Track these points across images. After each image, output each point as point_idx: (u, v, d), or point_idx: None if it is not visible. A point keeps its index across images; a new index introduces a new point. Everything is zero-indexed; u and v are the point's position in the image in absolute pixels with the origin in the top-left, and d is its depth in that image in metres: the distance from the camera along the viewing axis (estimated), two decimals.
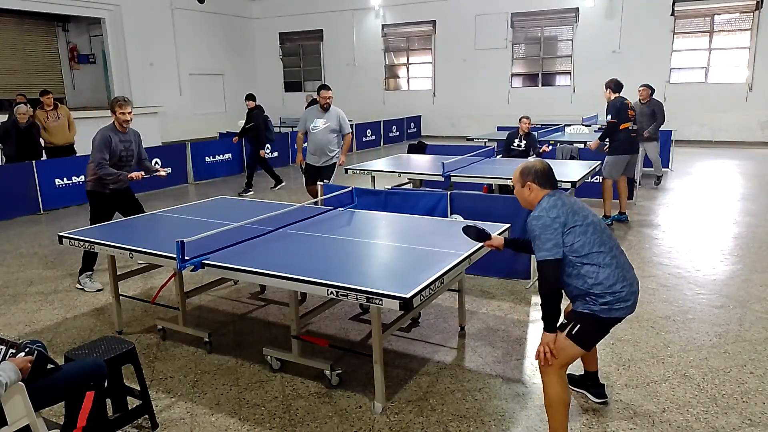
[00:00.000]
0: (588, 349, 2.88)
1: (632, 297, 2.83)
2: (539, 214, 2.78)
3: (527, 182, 2.91)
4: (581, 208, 2.87)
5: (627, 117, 7.04)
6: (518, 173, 2.96)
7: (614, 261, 2.78)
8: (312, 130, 6.92)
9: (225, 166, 11.92)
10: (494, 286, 5.10)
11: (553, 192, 2.90)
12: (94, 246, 3.88)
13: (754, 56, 14.81)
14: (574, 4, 16.52)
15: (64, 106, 9.74)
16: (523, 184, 2.93)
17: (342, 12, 19.98)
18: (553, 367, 2.75)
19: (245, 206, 5.29)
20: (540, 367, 2.82)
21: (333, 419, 3.14)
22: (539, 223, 2.76)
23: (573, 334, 2.75)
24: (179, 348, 4.06)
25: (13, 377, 2.29)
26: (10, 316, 4.76)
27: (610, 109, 7.12)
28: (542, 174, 2.91)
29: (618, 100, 7.13)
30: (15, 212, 8.43)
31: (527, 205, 2.98)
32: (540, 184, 2.90)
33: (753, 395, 3.27)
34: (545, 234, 2.72)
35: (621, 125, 6.99)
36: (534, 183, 2.90)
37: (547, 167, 2.95)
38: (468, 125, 17.13)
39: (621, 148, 7.04)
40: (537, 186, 2.90)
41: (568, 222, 2.74)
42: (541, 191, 2.89)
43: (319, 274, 3.02)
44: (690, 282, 5.11)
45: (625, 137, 7.04)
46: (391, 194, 5.54)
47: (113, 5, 16.17)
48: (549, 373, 2.77)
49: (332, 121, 6.95)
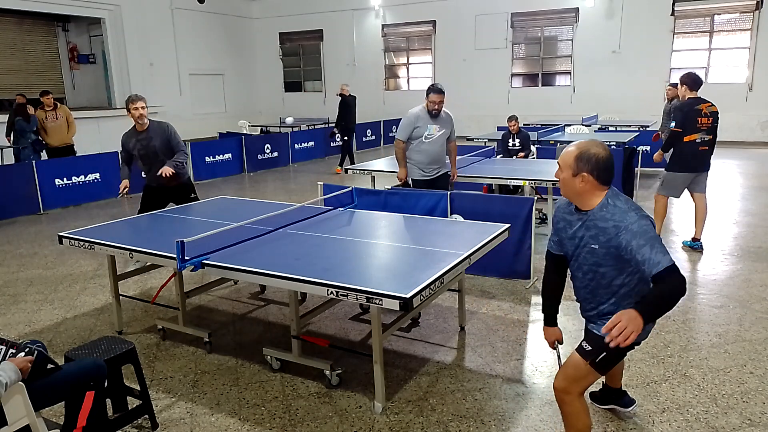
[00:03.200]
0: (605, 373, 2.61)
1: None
2: (643, 215, 2.32)
3: (582, 172, 2.37)
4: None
5: (695, 127, 5.60)
6: (573, 157, 2.38)
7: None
8: (426, 139, 5.75)
9: (225, 166, 11.92)
10: (494, 286, 5.10)
11: (614, 191, 2.42)
12: (95, 246, 3.88)
13: (754, 56, 14.81)
14: (574, 4, 16.52)
15: (64, 106, 9.75)
16: (576, 173, 2.38)
17: (342, 12, 19.97)
18: (573, 395, 2.53)
19: (245, 206, 5.29)
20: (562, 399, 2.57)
21: (333, 419, 3.14)
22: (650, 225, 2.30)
23: (597, 362, 2.46)
24: (179, 348, 4.06)
25: (13, 377, 2.29)
26: (10, 316, 4.76)
27: (676, 114, 5.73)
28: (604, 166, 2.36)
29: (688, 103, 5.67)
30: (15, 212, 8.44)
31: (570, 195, 2.47)
32: (598, 179, 2.37)
33: (753, 395, 3.27)
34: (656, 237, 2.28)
35: (686, 137, 5.61)
36: (591, 175, 2.36)
37: (610, 157, 2.38)
38: (468, 125, 17.12)
39: (682, 164, 5.72)
40: (594, 180, 2.37)
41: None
42: (598, 188, 2.39)
43: (319, 274, 3.02)
44: (690, 282, 5.10)
45: (690, 151, 5.65)
46: (391, 194, 5.54)
47: (113, 5, 16.17)
48: (571, 402, 2.54)
49: (447, 127, 5.87)
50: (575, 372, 2.51)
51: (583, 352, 2.50)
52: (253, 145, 12.56)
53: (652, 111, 13.91)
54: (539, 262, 5.61)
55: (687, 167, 5.75)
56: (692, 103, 5.64)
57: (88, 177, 9.40)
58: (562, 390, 2.56)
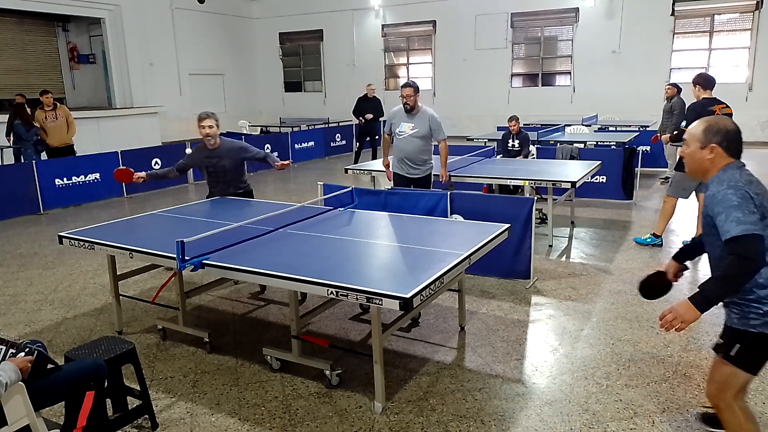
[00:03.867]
0: (756, 373, 2.37)
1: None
2: (736, 185, 2.28)
3: (711, 143, 2.39)
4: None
5: None
6: (702, 130, 2.42)
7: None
8: (398, 135, 5.97)
9: None
10: (494, 286, 5.10)
11: (741, 163, 2.42)
12: (95, 246, 3.88)
13: (754, 56, 14.81)
14: (574, 4, 16.51)
15: (64, 106, 9.74)
16: (705, 145, 2.40)
17: (342, 12, 19.97)
18: (726, 401, 2.37)
19: (245, 206, 5.29)
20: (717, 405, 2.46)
21: (333, 419, 3.14)
22: (739, 194, 2.25)
23: (733, 357, 2.30)
24: (179, 348, 4.06)
25: (13, 377, 2.29)
26: (10, 316, 4.76)
27: (689, 114, 5.58)
28: (734, 138, 2.41)
29: (702, 104, 5.53)
30: (15, 212, 8.44)
31: (696, 170, 2.48)
32: (727, 150, 2.39)
33: (753, 395, 3.27)
34: (747, 206, 2.21)
35: None
36: (720, 147, 2.38)
37: (738, 131, 2.44)
38: (468, 125, 17.11)
39: None
40: (722, 151, 2.39)
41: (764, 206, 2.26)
42: (726, 159, 2.40)
43: (319, 274, 3.02)
44: (690, 282, 5.10)
45: None
46: (391, 194, 5.54)
47: (113, 5, 16.17)
48: (726, 409, 2.38)
49: (422, 127, 5.85)
50: (718, 373, 2.35)
51: (716, 348, 2.36)
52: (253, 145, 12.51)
53: (652, 111, 13.89)
54: (539, 262, 5.62)
55: None
56: (706, 104, 5.54)
57: (88, 177, 9.40)
58: (713, 396, 2.41)
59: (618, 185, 8.08)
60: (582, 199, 8.19)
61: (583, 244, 6.33)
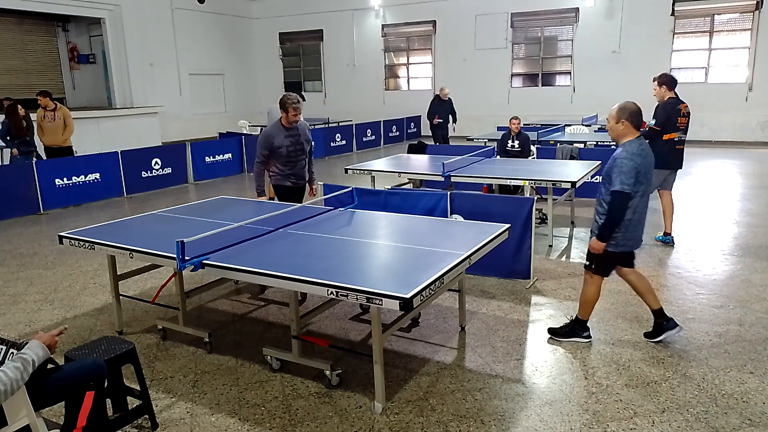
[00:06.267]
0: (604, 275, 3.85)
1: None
2: (631, 157, 3.47)
3: (622, 119, 3.58)
4: (650, 166, 3.63)
5: (675, 126, 5.79)
6: (617, 110, 3.61)
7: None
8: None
9: (225, 166, 11.91)
10: (494, 286, 5.10)
11: (639, 138, 3.60)
12: (95, 246, 3.88)
13: (754, 56, 14.82)
14: (574, 4, 16.52)
15: (64, 107, 9.71)
16: (618, 120, 3.60)
17: (342, 12, 19.98)
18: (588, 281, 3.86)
19: (245, 206, 5.29)
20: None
21: (333, 419, 3.14)
22: (630, 164, 3.46)
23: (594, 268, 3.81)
24: (179, 348, 4.06)
25: (40, 353, 2.33)
26: (10, 316, 4.76)
27: (659, 113, 5.88)
28: (636, 115, 3.58)
29: (670, 103, 5.80)
30: (15, 212, 8.43)
31: (616, 137, 3.68)
32: (633, 123, 3.58)
33: (753, 395, 3.27)
34: (632, 173, 3.45)
35: (666, 134, 5.80)
36: (628, 121, 3.57)
37: (639, 109, 3.60)
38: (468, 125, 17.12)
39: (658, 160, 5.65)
40: (629, 124, 3.58)
41: (640, 172, 3.49)
42: (632, 130, 3.59)
43: (319, 274, 3.02)
44: (690, 282, 5.11)
45: (669, 149, 5.84)
46: (391, 194, 5.54)
47: (113, 5, 16.17)
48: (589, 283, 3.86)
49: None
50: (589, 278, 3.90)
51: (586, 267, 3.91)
52: (253, 145, 12.52)
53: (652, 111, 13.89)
54: (539, 262, 5.62)
55: (663, 165, 5.82)
56: (674, 103, 5.82)
57: (88, 177, 9.40)
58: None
59: None
60: (582, 199, 8.18)
61: (583, 244, 6.33)
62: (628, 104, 3.62)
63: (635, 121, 3.58)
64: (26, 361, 2.28)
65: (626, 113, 3.58)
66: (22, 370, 2.26)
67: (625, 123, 3.58)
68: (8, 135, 9.41)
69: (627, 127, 3.58)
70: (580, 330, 3.97)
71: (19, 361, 2.28)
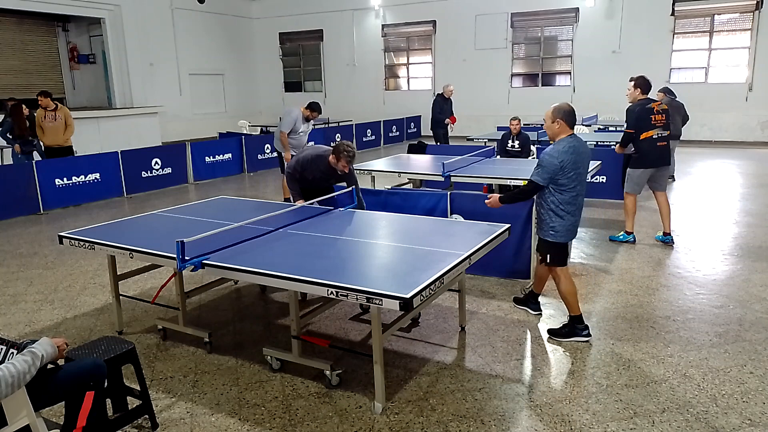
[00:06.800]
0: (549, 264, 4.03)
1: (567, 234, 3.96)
2: (554, 155, 3.75)
3: (557, 118, 3.83)
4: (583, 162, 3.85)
5: (650, 124, 5.92)
6: (552, 110, 3.86)
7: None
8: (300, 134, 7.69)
9: (225, 166, 11.92)
10: (494, 286, 5.10)
11: (572, 136, 3.82)
12: (95, 246, 3.88)
13: (754, 56, 14.82)
14: (574, 4, 16.52)
15: (65, 108, 9.70)
16: (554, 120, 3.85)
17: (342, 12, 19.98)
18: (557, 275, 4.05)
19: (245, 206, 5.29)
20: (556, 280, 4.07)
21: (333, 419, 3.14)
22: (550, 161, 3.76)
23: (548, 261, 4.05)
24: (179, 348, 4.06)
25: (49, 350, 2.36)
26: (10, 316, 4.76)
27: (628, 116, 6.10)
28: (569, 114, 3.84)
29: (639, 104, 6.00)
30: (15, 212, 8.43)
31: (552, 135, 3.92)
32: (566, 122, 3.83)
33: (753, 395, 3.27)
34: (549, 168, 3.76)
35: (642, 134, 5.94)
36: (562, 120, 3.83)
37: (572, 109, 3.86)
38: (468, 125, 17.12)
39: (642, 160, 6.03)
40: (564, 123, 3.83)
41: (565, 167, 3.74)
42: (566, 128, 3.84)
43: (319, 274, 3.02)
44: (690, 282, 5.11)
45: (650, 147, 5.96)
46: (391, 194, 5.54)
47: (113, 5, 16.17)
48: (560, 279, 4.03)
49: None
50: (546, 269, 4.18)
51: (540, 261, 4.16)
52: (253, 145, 12.56)
53: None
54: None
55: (647, 163, 6.04)
56: (643, 104, 5.99)
57: (88, 177, 9.40)
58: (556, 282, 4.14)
59: (618, 185, 8.05)
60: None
61: (583, 244, 6.33)
62: (563, 104, 3.87)
63: (569, 120, 3.83)
64: (36, 355, 2.30)
65: (560, 113, 3.82)
66: (30, 364, 2.27)
67: (559, 122, 3.82)
68: (10, 133, 9.43)
69: (561, 126, 3.83)
70: (579, 328, 4.00)
71: (29, 354, 2.30)
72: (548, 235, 3.94)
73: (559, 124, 3.83)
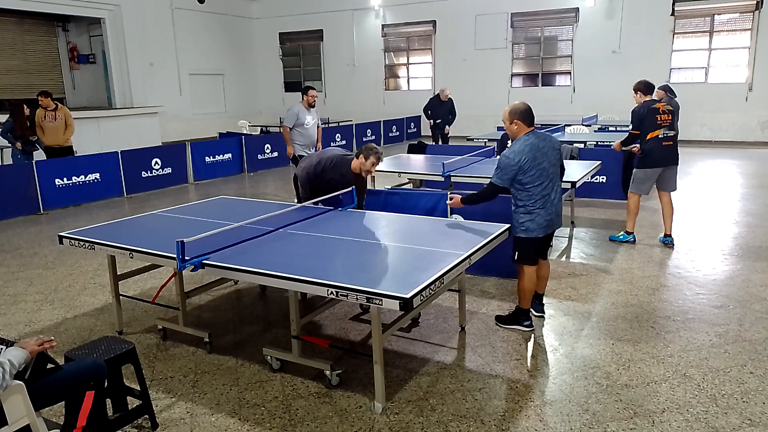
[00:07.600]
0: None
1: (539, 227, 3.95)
2: (510, 155, 3.82)
3: (514, 120, 3.89)
4: (545, 156, 3.85)
5: (655, 124, 5.95)
6: (507, 112, 3.91)
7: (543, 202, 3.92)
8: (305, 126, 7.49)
9: (225, 166, 11.91)
10: (494, 286, 5.10)
11: (530, 134, 3.88)
12: (95, 246, 3.88)
13: (754, 56, 14.81)
14: (574, 4, 16.52)
15: (65, 108, 9.70)
16: (511, 121, 3.90)
17: (342, 12, 19.97)
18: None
19: (245, 206, 5.29)
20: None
21: (333, 419, 3.14)
22: (506, 161, 3.84)
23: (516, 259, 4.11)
24: (179, 348, 4.06)
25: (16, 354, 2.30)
26: (10, 316, 4.76)
27: (633, 117, 6.13)
28: (525, 114, 3.89)
29: (644, 106, 6.04)
30: (15, 212, 8.43)
31: (512, 136, 3.96)
32: (524, 121, 3.89)
33: (753, 395, 3.27)
34: (507, 169, 3.84)
35: (648, 134, 5.96)
36: (519, 120, 3.88)
37: (528, 108, 3.92)
38: (468, 125, 17.11)
39: (648, 159, 6.04)
40: (521, 122, 3.89)
41: (523, 166, 3.79)
42: (524, 128, 3.90)
43: (319, 274, 3.02)
44: (690, 282, 5.11)
45: (655, 146, 5.96)
46: (391, 194, 5.54)
47: (113, 5, 16.17)
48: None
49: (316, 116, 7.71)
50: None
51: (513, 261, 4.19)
52: (253, 145, 12.56)
53: None
54: None
55: (654, 163, 6.03)
56: (647, 105, 6.02)
57: (88, 177, 9.40)
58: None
59: (618, 185, 8.08)
60: (582, 199, 8.19)
61: (583, 244, 6.33)
62: (518, 104, 3.93)
63: (526, 119, 3.88)
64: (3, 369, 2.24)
65: (517, 113, 3.88)
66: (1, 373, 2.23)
67: (517, 123, 3.88)
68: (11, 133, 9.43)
69: (519, 126, 3.88)
70: (522, 318, 4.17)
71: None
72: (520, 231, 3.97)
73: (517, 124, 3.88)
